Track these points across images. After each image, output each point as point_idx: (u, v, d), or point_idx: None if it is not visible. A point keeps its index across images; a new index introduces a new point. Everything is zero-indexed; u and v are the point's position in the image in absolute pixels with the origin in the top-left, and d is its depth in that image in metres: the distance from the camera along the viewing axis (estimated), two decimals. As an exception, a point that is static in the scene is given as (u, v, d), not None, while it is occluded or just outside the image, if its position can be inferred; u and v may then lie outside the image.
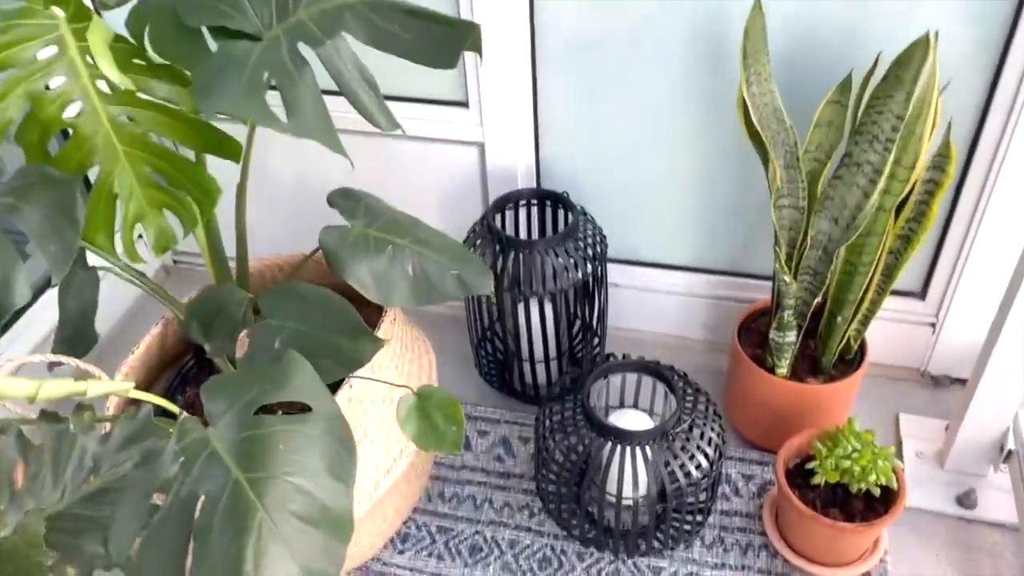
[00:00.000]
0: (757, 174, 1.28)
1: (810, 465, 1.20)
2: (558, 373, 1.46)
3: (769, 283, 1.42)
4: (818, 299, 1.22)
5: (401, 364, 1.25)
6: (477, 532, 1.32)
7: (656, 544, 1.25)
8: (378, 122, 1.02)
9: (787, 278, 1.17)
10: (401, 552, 1.30)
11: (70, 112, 1.05)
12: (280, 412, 0.90)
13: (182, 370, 1.30)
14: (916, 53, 1.02)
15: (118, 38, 1.01)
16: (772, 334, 1.25)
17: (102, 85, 1.04)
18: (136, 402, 1.06)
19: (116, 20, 1.04)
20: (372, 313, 1.22)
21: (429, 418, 1.14)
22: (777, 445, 1.23)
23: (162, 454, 0.95)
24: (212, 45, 0.99)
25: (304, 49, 0.95)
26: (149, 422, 0.97)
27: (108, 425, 0.97)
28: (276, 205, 1.61)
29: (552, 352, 1.42)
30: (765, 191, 1.32)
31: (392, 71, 1.08)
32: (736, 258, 1.46)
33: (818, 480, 1.18)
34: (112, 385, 0.96)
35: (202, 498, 0.78)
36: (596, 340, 1.48)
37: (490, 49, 1.31)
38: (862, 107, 1.10)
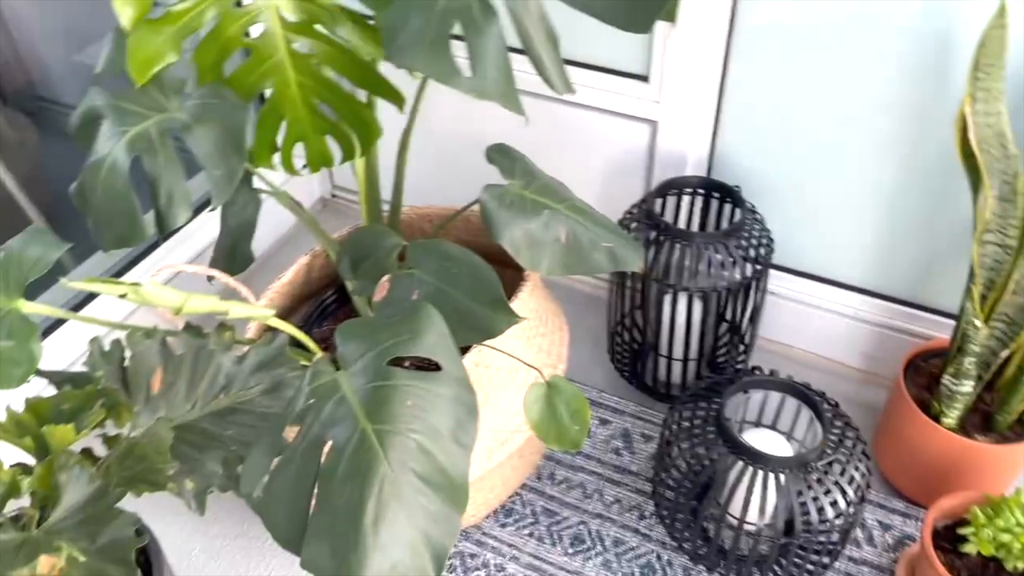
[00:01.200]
0: (959, 200, 1.15)
1: (963, 531, 1.07)
2: (695, 375, 1.38)
3: (950, 321, 1.28)
4: (1007, 351, 1.09)
5: (533, 337, 1.21)
6: (582, 522, 1.27)
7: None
8: (554, 83, 0.97)
9: (977, 322, 1.04)
10: (503, 526, 1.27)
11: (250, 35, 1.06)
12: (407, 365, 0.88)
13: (323, 303, 1.31)
14: None
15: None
16: (946, 379, 1.12)
17: (287, 15, 1.03)
18: (274, 329, 1.07)
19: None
20: (511, 279, 1.18)
21: (555, 411, 1.09)
22: (927, 500, 1.11)
23: (291, 386, 0.95)
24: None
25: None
26: (282, 352, 0.98)
27: (244, 347, 0.98)
28: (430, 154, 1.60)
29: (692, 352, 1.34)
30: (964, 220, 1.19)
31: (571, 32, 1.02)
32: (916, 287, 1.32)
33: (969, 549, 1.05)
34: (253, 310, 0.97)
35: (329, 443, 0.77)
36: (742, 348, 1.38)
37: (684, 24, 1.23)
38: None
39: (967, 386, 1.11)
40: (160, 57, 1.04)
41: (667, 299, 1.28)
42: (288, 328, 1.01)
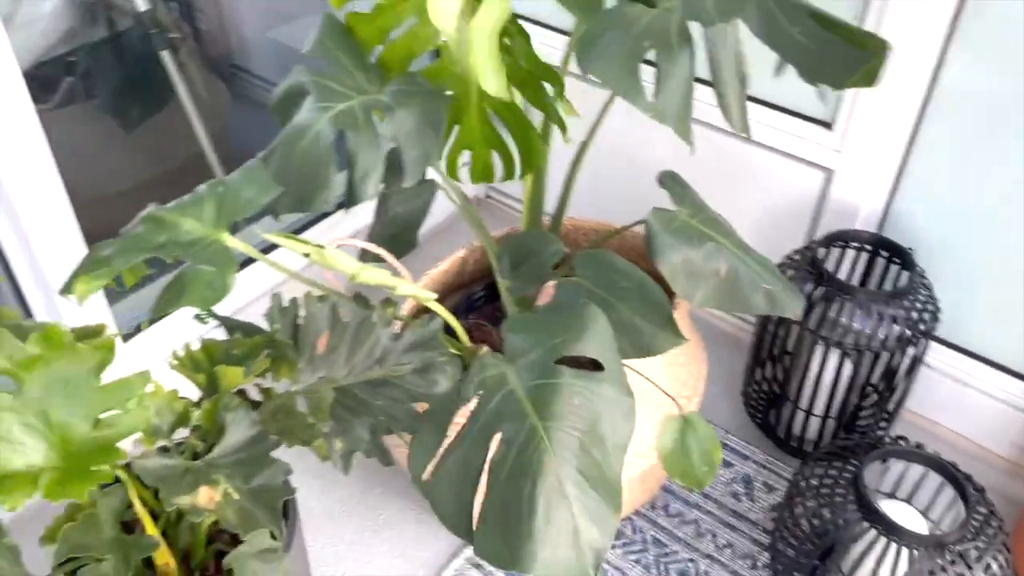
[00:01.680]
0: None
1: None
2: (832, 434, 1.34)
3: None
4: None
5: (672, 365, 1.20)
6: (691, 560, 1.25)
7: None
8: (733, 121, 0.97)
9: None
10: (612, 547, 1.27)
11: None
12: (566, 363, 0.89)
13: (471, 296, 1.35)
14: None
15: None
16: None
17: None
18: (427, 312, 1.11)
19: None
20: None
21: (686, 447, 1.09)
22: None
23: (440, 369, 0.98)
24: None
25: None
26: (436, 335, 1.01)
27: (399, 325, 1.02)
28: (588, 169, 1.61)
29: (833, 410, 1.30)
30: None
31: (754, 66, 1.01)
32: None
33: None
34: (418, 291, 1.01)
35: (499, 435, 0.79)
36: (885, 415, 1.33)
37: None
38: None
39: None
40: (372, 43, 1.11)
41: (817, 351, 1.25)
42: (444, 314, 1.04)
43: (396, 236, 1.23)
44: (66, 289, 0.88)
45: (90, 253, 0.90)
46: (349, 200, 1.02)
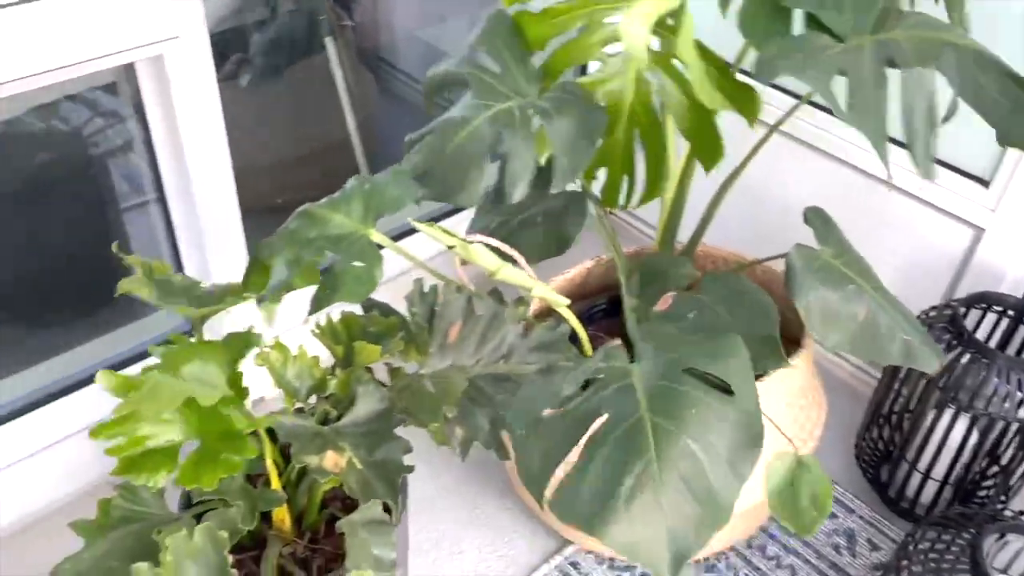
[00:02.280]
0: None
1: None
2: (947, 502, 1.28)
3: None
4: None
5: (792, 405, 1.18)
6: (785, 609, 1.22)
7: None
8: (918, 162, 0.95)
9: None
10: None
11: (609, 49, 1.13)
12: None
13: (592, 308, 1.36)
14: None
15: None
16: None
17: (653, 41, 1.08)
18: (552, 315, 1.13)
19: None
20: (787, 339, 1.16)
21: (797, 489, 1.07)
22: None
23: (562, 372, 0.99)
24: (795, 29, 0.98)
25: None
26: (563, 339, 1.02)
27: (526, 325, 1.04)
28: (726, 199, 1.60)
29: (953, 477, 1.25)
30: None
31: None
32: None
33: None
34: (551, 294, 1.02)
35: (604, 416, 0.81)
36: (1007, 490, 1.27)
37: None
38: None
39: None
40: (540, 42, 1.14)
41: (947, 413, 1.20)
42: (573, 321, 1.05)
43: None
44: (259, 301, 0.92)
45: (255, 256, 0.94)
46: (496, 199, 1.05)
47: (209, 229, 1.26)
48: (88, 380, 1.30)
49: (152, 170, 1.22)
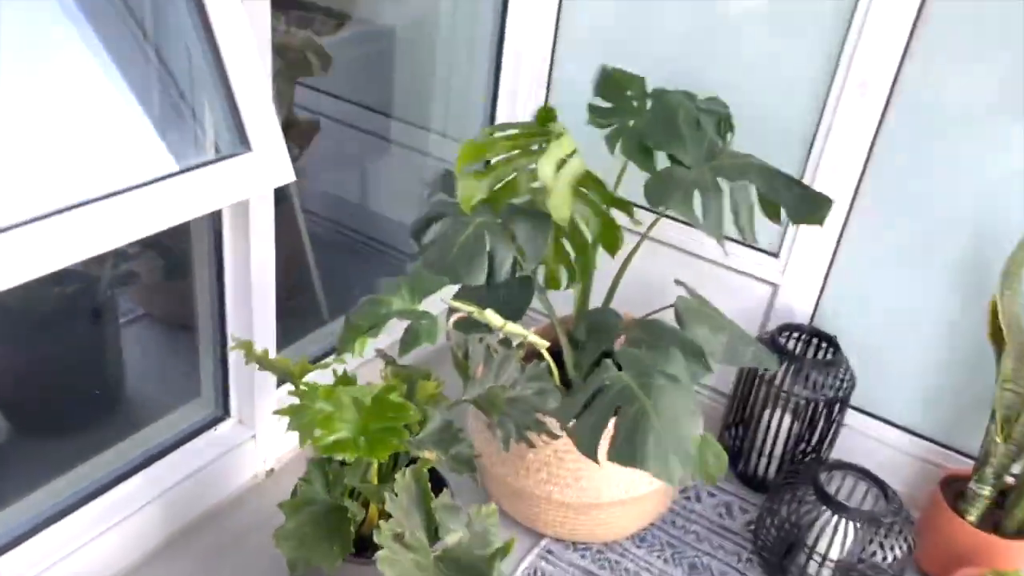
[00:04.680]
0: (985, 365, 1.69)
1: (979, 591, 1.53)
2: (775, 472, 1.87)
3: (968, 460, 1.79)
4: (1018, 467, 1.59)
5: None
6: (697, 556, 1.72)
7: (837, 610, 1.61)
8: (745, 235, 1.56)
9: (998, 439, 1.56)
10: (639, 547, 1.73)
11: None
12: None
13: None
14: None
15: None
16: (972, 485, 1.62)
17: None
18: (536, 355, 1.60)
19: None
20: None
21: (703, 454, 1.61)
22: None
23: (550, 393, 1.46)
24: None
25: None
26: (547, 371, 1.51)
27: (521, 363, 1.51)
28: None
29: (777, 452, 1.85)
30: (989, 378, 1.71)
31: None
32: (948, 431, 1.84)
33: (984, 600, 1.51)
34: (539, 341, 1.50)
35: (620, 407, 1.30)
36: (821, 451, 1.89)
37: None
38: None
39: (986, 490, 1.61)
40: (476, 194, 1.64)
41: (777, 412, 1.81)
42: (548, 358, 1.54)
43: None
44: (344, 350, 1.32)
45: (349, 321, 1.36)
46: (490, 279, 1.53)
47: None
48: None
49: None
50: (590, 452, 1.31)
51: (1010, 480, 1.66)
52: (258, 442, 1.73)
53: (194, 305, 1.62)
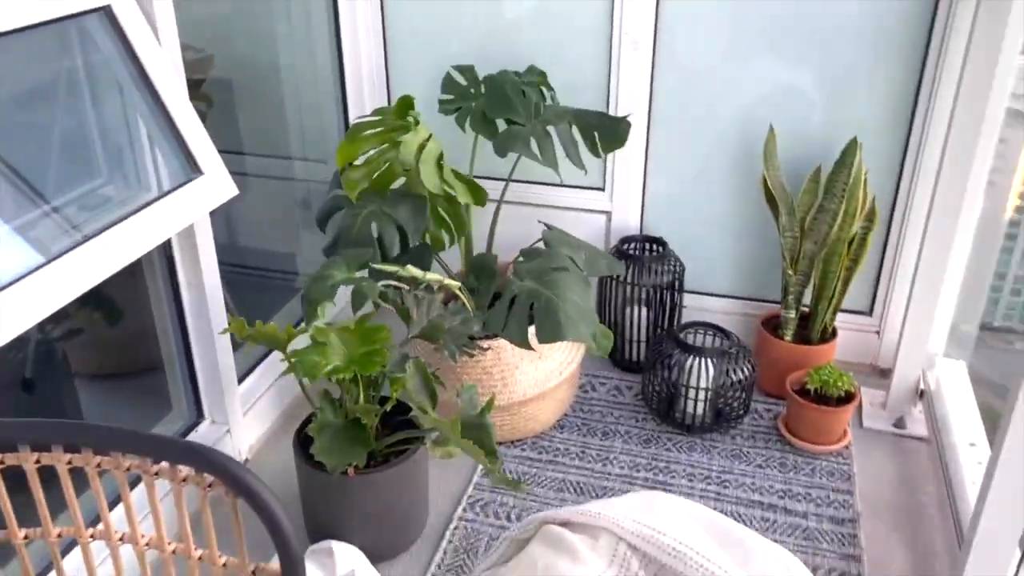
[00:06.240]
0: (771, 224, 2.27)
1: (807, 385, 2.09)
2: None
3: (773, 305, 2.38)
4: (809, 293, 2.18)
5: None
6: (605, 426, 2.19)
7: (712, 427, 2.12)
8: (576, 165, 2.05)
9: (790, 272, 2.14)
10: (561, 432, 2.17)
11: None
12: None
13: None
14: (851, 150, 2.05)
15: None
16: (781, 313, 2.20)
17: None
18: (453, 297, 2.00)
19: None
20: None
21: (596, 336, 2.08)
22: (781, 392, 2.14)
23: (469, 320, 1.88)
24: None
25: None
26: (463, 308, 1.92)
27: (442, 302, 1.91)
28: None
29: (642, 337, 2.36)
30: (775, 237, 2.31)
31: (564, 170, 2.10)
32: (757, 287, 2.43)
33: (810, 387, 2.07)
34: (453, 283, 1.91)
35: (533, 303, 1.73)
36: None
37: (623, 160, 2.37)
38: (823, 181, 2.12)
39: (792, 314, 2.19)
40: (359, 186, 2.04)
41: (636, 306, 2.31)
42: (463, 296, 1.95)
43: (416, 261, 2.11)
44: (312, 319, 1.66)
45: (307, 297, 1.70)
46: (383, 258, 1.92)
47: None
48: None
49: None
50: (524, 344, 1.73)
51: (805, 309, 2.26)
52: (233, 436, 2.01)
53: (155, 322, 1.88)
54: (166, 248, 1.79)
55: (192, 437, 1.95)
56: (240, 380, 2.02)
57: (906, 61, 2.12)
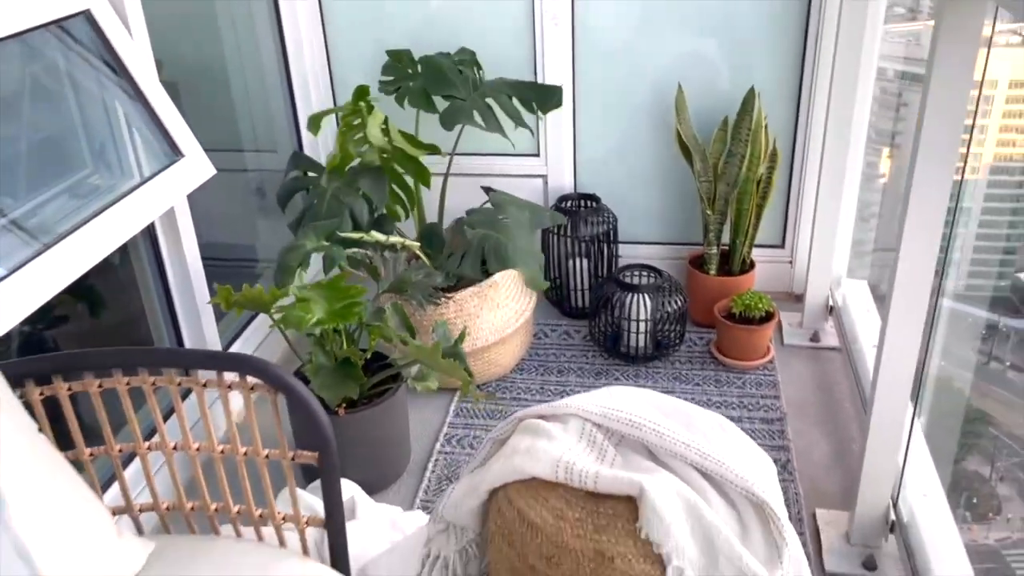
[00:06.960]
0: (689, 174, 2.55)
1: (732, 310, 2.38)
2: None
3: (697, 246, 2.66)
4: (727, 230, 2.46)
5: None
6: (561, 364, 2.43)
7: (654, 356, 2.39)
8: (522, 126, 2.29)
9: (709, 212, 2.42)
10: (521, 374, 2.40)
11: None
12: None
13: (402, 279, 2.45)
14: (751, 99, 2.34)
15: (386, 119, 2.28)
16: (704, 249, 2.48)
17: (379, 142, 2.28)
18: (415, 257, 2.21)
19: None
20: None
21: (533, 276, 2.32)
22: (711, 321, 2.42)
23: (432, 275, 2.10)
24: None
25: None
26: (425, 264, 2.13)
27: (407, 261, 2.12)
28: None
29: (584, 286, 2.62)
30: (692, 182, 2.58)
31: (499, 141, 2.34)
32: (681, 231, 2.71)
33: (735, 311, 2.35)
34: (413, 244, 2.12)
35: (485, 246, 1.96)
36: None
37: (552, 125, 2.61)
38: (731, 128, 2.40)
39: (714, 250, 2.47)
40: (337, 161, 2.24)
41: (577, 258, 2.56)
42: (423, 257, 2.17)
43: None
44: (285, 284, 1.85)
45: (282, 264, 1.89)
46: (354, 227, 2.12)
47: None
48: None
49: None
50: (479, 274, 1.96)
51: (725, 247, 2.54)
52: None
53: (142, 302, 2.04)
54: (150, 230, 1.95)
55: (185, 406, 2.11)
56: (225, 349, 2.19)
57: (794, 27, 2.42)
